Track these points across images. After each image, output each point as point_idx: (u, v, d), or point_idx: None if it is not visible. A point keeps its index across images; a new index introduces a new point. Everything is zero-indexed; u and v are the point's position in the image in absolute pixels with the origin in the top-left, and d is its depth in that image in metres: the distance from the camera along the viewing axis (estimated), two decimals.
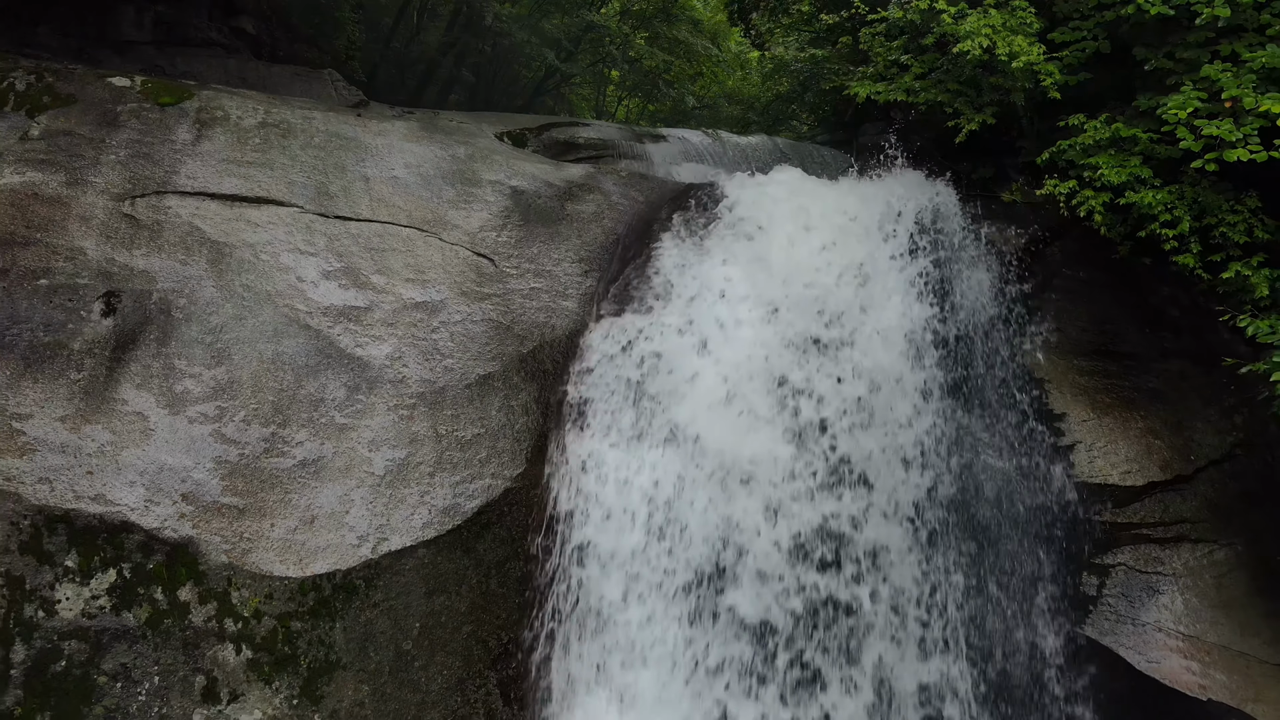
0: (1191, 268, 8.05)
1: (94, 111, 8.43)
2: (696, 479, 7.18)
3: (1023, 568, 8.12)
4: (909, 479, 7.74)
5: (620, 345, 7.83)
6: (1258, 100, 7.64)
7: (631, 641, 6.77)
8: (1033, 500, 8.32)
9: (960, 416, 8.25)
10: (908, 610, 7.48)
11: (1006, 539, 8.13)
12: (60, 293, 6.80)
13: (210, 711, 5.90)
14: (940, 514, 7.82)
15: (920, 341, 8.24)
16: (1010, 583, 8.03)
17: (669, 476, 7.20)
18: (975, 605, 7.81)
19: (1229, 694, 7.60)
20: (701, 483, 7.17)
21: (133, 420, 6.42)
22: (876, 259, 8.40)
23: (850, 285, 8.22)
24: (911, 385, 8.03)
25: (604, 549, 7.00)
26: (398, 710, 6.47)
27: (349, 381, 7.24)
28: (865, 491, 7.54)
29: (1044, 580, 8.08)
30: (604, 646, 6.78)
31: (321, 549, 6.49)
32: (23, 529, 5.71)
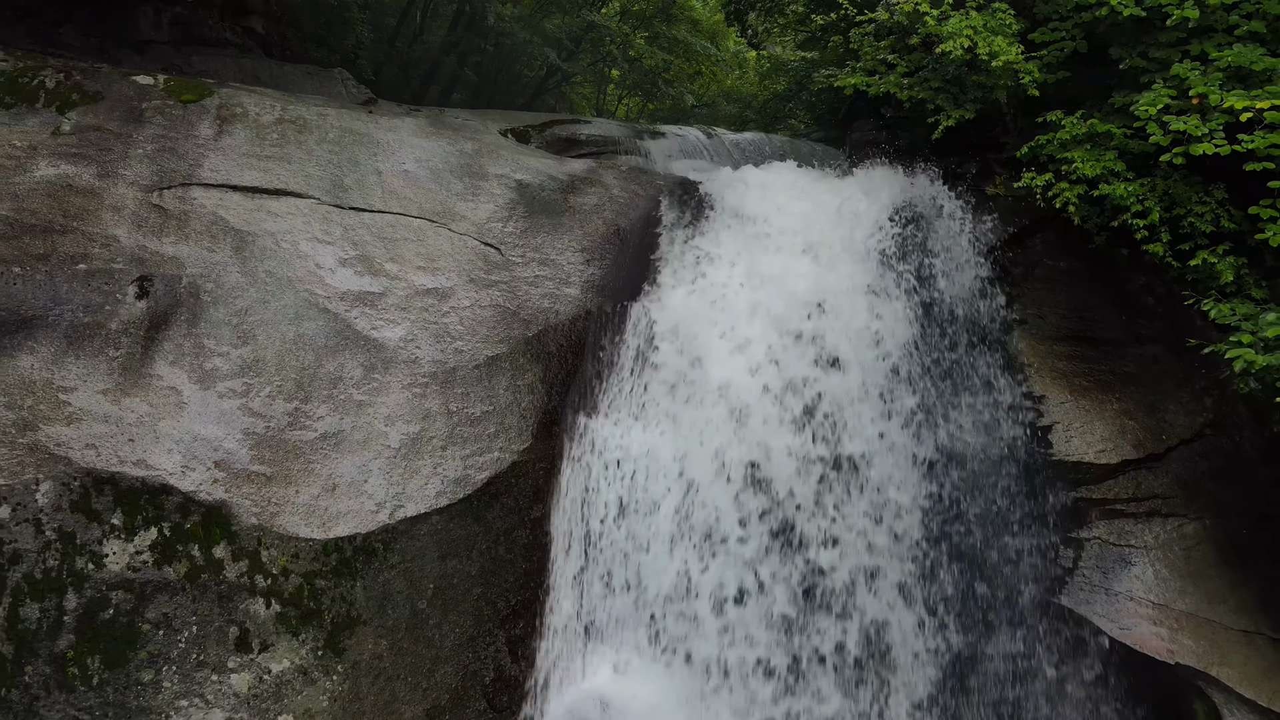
0: (1161, 256, 8.56)
1: (120, 108, 8.96)
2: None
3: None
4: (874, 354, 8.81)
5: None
6: (1223, 97, 8.15)
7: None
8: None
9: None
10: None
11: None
12: (97, 277, 7.37)
13: (243, 659, 6.47)
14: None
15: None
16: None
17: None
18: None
19: (1195, 658, 8.08)
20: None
21: (167, 394, 6.98)
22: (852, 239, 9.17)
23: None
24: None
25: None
26: (414, 664, 7.04)
27: (365, 361, 7.80)
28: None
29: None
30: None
31: (343, 514, 7.06)
32: (73, 489, 6.29)
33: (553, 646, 7.45)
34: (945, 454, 8.68)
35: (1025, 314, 9.70)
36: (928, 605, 8.31)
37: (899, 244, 9.45)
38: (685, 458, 7.97)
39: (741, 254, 9.29)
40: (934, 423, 8.73)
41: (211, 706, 6.31)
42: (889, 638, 8.06)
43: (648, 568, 7.69)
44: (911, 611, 8.26)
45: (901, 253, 9.39)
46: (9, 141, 8.22)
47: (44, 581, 6.07)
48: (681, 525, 7.79)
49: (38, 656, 5.96)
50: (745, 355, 8.56)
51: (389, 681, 6.94)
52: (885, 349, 8.91)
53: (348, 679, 6.78)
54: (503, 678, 7.37)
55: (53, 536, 6.17)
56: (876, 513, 8.39)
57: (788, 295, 8.94)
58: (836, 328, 8.81)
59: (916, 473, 8.56)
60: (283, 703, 6.52)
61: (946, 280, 9.30)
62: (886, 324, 8.97)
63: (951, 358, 9.07)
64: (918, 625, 8.27)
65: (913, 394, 8.81)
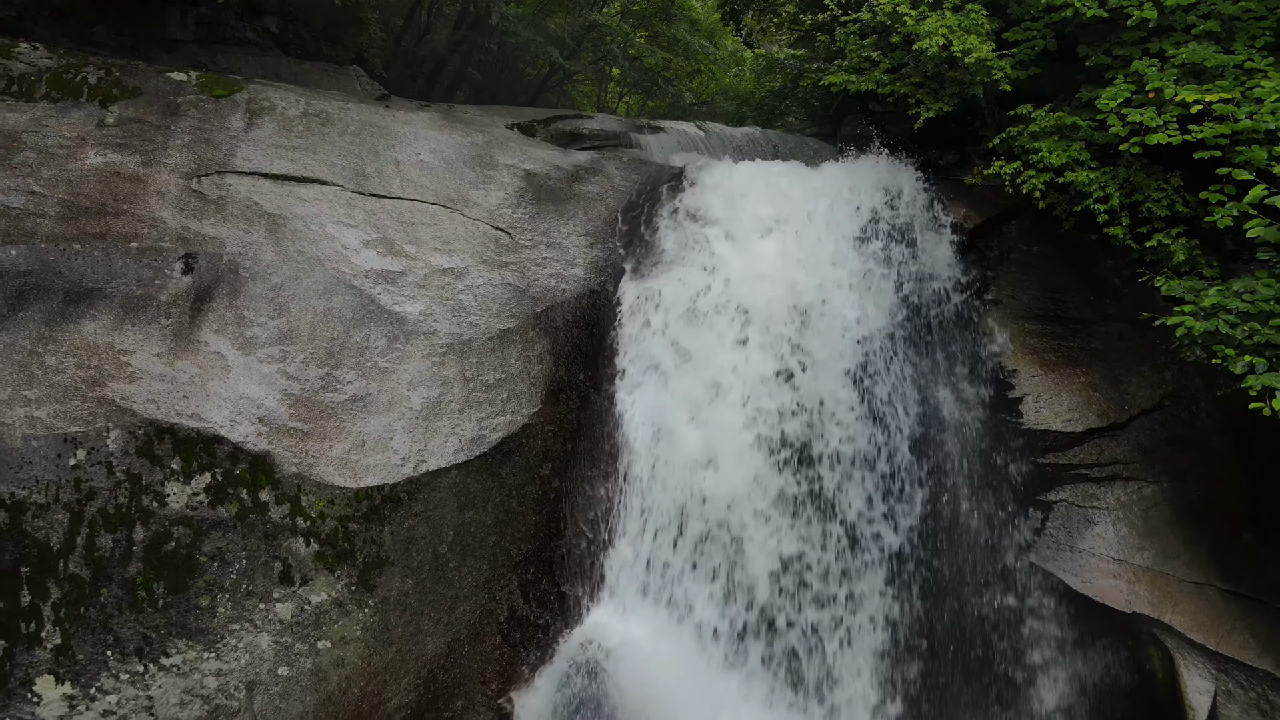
0: (1121, 238, 9.38)
1: (158, 102, 9.82)
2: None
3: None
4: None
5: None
6: (1176, 91, 9.02)
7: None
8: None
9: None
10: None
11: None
12: (147, 254, 8.24)
13: (286, 591, 7.34)
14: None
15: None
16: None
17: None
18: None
19: (1151, 607, 8.85)
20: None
21: (214, 358, 7.85)
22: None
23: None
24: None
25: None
26: (436, 601, 7.91)
27: (389, 333, 8.67)
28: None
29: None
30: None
31: (371, 467, 7.93)
32: (138, 437, 7.15)
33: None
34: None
35: (1000, 295, 10.52)
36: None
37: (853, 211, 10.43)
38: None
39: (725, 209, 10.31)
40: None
41: (259, 631, 7.20)
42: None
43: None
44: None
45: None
46: (59, 132, 9.08)
47: (116, 516, 6.96)
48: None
49: (111, 580, 6.84)
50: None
51: (414, 616, 7.82)
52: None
53: (378, 612, 7.66)
54: (515, 617, 8.25)
55: (122, 477, 7.06)
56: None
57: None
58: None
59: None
60: (321, 630, 7.40)
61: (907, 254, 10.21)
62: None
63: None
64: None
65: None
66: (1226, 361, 7.65)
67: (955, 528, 9.39)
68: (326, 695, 7.26)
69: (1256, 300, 7.70)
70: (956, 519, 9.40)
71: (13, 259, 7.61)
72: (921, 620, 9.20)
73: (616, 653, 7.91)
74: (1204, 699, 8.67)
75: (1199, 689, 8.70)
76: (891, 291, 9.92)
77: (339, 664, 7.35)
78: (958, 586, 9.26)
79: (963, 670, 9.32)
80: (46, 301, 7.56)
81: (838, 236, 10.02)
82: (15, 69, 9.68)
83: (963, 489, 9.49)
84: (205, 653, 6.94)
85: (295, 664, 7.19)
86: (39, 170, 8.53)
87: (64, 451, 6.94)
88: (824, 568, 8.98)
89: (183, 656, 6.86)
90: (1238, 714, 8.51)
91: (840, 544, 9.03)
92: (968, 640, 9.41)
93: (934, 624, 9.22)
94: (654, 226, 10.05)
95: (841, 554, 9.04)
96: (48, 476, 6.84)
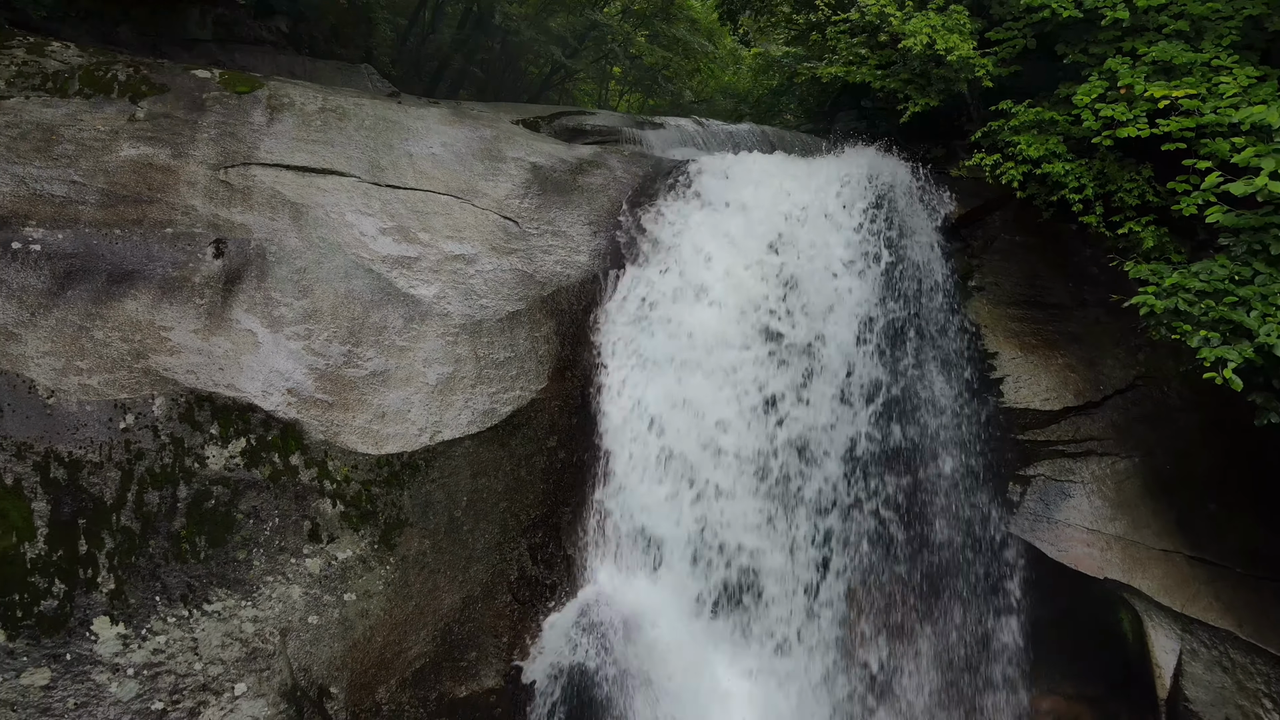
0: (1095, 225, 10.06)
1: (185, 98, 10.53)
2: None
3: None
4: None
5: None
6: (1146, 87, 9.75)
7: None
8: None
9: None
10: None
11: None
12: (181, 239, 8.97)
13: (315, 548, 8.04)
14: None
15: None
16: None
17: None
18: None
19: (1121, 573, 9.53)
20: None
21: (245, 335, 8.56)
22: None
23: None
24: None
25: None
26: (451, 561, 8.62)
27: (405, 314, 9.38)
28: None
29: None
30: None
31: (391, 436, 8.63)
32: (180, 404, 7.87)
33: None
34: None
35: (984, 281, 11.23)
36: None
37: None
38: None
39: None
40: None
41: (291, 583, 7.91)
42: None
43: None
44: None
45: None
46: (94, 126, 9.79)
47: (161, 474, 7.66)
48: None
49: (158, 533, 7.53)
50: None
51: (431, 574, 8.54)
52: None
53: (398, 569, 8.37)
54: (524, 577, 8.97)
55: (167, 440, 7.76)
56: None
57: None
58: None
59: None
60: (347, 584, 8.10)
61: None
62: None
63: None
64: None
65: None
66: (1185, 336, 8.36)
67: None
68: (352, 643, 7.99)
69: (1212, 280, 8.42)
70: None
71: (60, 242, 8.34)
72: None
73: (618, 608, 8.63)
74: (1170, 657, 9.37)
75: (1165, 648, 9.40)
76: (879, 278, 10.63)
77: (363, 615, 8.07)
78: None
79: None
80: (92, 281, 8.29)
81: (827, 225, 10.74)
82: (49, 66, 10.39)
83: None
84: (243, 601, 7.67)
85: (324, 614, 7.92)
86: (78, 161, 9.23)
87: (114, 416, 7.67)
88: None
89: (223, 604, 7.59)
90: (1201, 671, 9.21)
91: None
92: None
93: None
94: (654, 212, 10.79)
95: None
96: (101, 438, 7.58)
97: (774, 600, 9.51)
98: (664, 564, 9.25)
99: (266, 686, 7.47)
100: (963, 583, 10.13)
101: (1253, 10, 10.20)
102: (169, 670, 7.24)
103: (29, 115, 9.59)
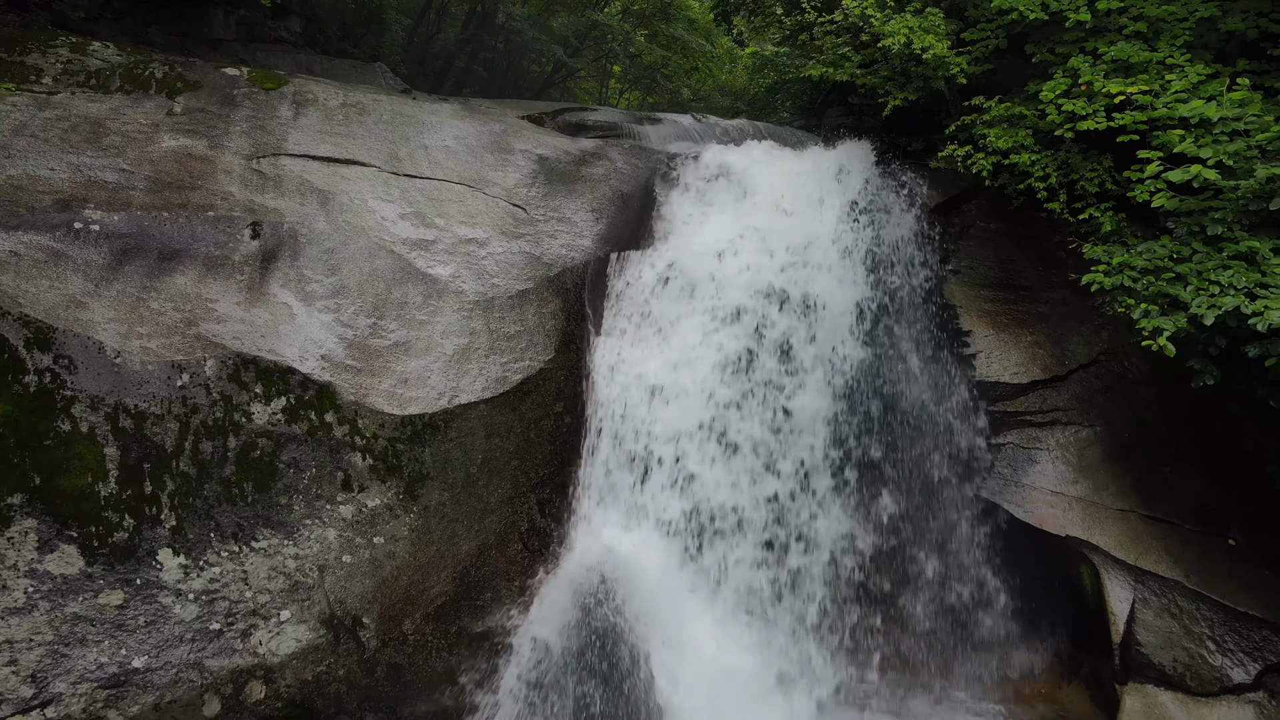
0: (1059, 212, 11.10)
1: (217, 94, 11.64)
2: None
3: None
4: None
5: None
6: (1104, 84, 10.86)
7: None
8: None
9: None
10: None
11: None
12: (221, 222, 10.09)
13: (347, 496, 9.14)
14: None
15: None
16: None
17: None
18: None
19: (1081, 530, 10.38)
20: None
21: (282, 308, 9.68)
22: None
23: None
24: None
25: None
26: (468, 512, 9.71)
27: (424, 291, 10.49)
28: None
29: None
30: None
31: (414, 399, 9.72)
32: (228, 365, 8.99)
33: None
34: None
35: (959, 265, 12.29)
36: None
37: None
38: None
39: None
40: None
41: (327, 526, 9.02)
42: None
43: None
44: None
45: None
46: (136, 120, 10.90)
47: (213, 427, 8.78)
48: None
49: (211, 478, 8.64)
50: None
51: (451, 523, 9.65)
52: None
53: (421, 517, 9.46)
54: (534, 528, 10.08)
55: (217, 397, 8.89)
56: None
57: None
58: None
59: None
60: (376, 528, 9.21)
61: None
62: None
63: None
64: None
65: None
66: (1128, 309, 9.48)
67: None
68: (381, 580, 9.10)
69: (1154, 259, 9.52)
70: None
71: (116, 223, 9.47)
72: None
73: (618, 556, 9.74)
74: (1124, 606, 10.38)
75: (1120, 598, 10.40)
76: (861, 263, 11.74)
77: (391, 556, 9.19)
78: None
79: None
80: (145, 258, 9.41)
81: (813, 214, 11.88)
82: (92, 64, 11.48)
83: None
84: (285, 540, 8.79)
85: (356, 554, 9.04)
86: (125, 151, 10.34)
87: (172, 374, 8.79)
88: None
89: (268, 542, 8.71)
90: (1151, 617, 10.23)
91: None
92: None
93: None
94: (652, 200, 11.94)
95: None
96: (161, 393, 8.69)
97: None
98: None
99: (307, 614, 8.59)
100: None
101: (1205, 12, 11.26)
102: (224, 597, 8.36)
103: (77, 109, 10.66)
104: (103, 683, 7.66)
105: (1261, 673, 9.79)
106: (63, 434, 8.23)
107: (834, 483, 10.83)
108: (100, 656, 7.74)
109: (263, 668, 8.23)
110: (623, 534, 9.91)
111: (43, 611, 7.71)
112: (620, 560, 9.48)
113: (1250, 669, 9.80)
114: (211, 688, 8.02)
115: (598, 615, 8.93)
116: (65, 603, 7.80)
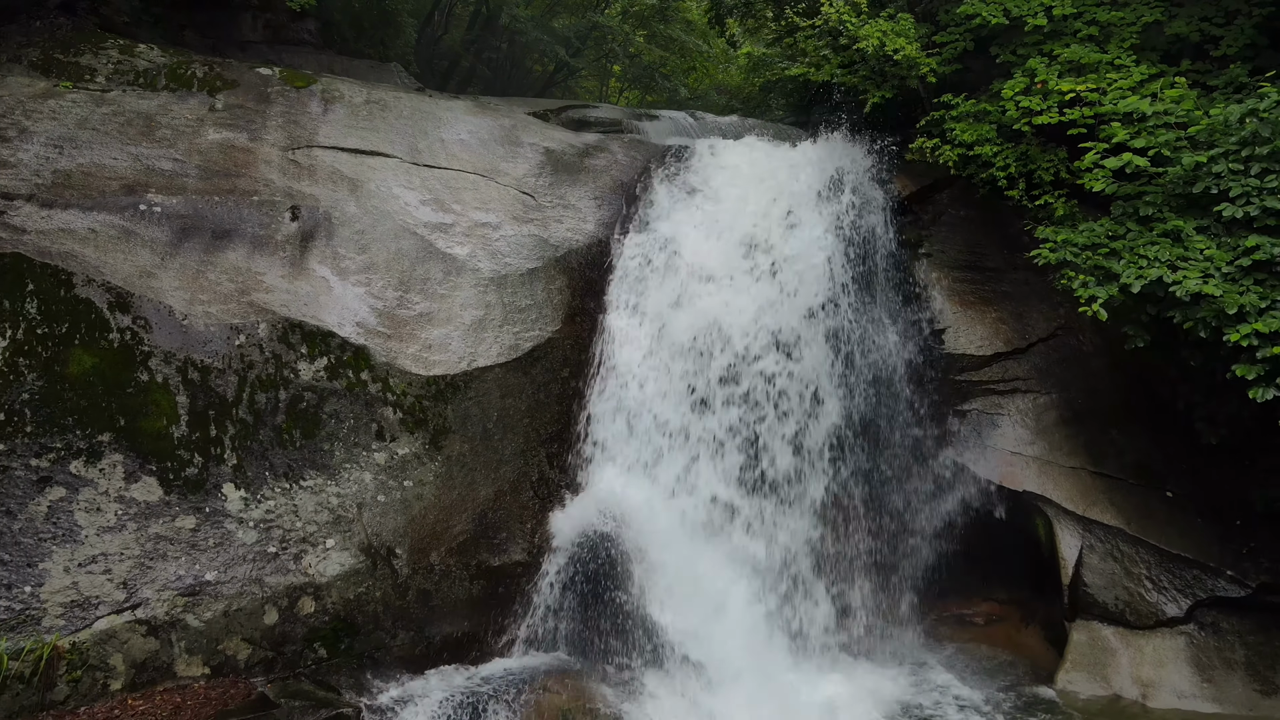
0: (1018, 199, 12.64)
1: (253, 92, 13.19)
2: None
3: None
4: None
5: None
6: (1057, 83, 12.38)
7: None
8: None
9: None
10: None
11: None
12: (264, 205, 11.64)
13: (381, 445, 10.63)
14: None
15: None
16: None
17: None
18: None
19: (1037, 486, 11.76)
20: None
21: (320, 281, 11.21)
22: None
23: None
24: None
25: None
26: (486, 462, 11.19)
27: (444, 269, 12.00)
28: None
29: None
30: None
31: (437, 362, 11.19)
32: (278, 328, 10.52)
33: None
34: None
35: (931, 249, 13.81)
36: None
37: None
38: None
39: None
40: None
41: (363, 470, 10.52)
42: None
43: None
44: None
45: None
46: (183, 115, 12.44)
47: (266, 381, 10.31)
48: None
49: (265, 425, 10.15)
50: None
51: (470, 471, 11.13)
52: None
53: (445, 465, 10.93)
54: (544, 478, 11.60)
55: (270, 355, 10.41)
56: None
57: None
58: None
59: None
60: (406, 473, 10.71)
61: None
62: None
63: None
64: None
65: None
66: (1070, 281, 11.01)
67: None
68: (411, 518, 10.61)
69: (1092, 236, 11.04)
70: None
71: (175, 206, 11.03)
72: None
73: (619, 501, 11.30)
74: (1073, 552, 11.79)
75: (1070, 545, 11.80)
76: (842, 247, 13.28)
77: (419, 498, 10.70)
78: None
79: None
80: (201, 237, 10.96)
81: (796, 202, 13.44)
82: (140, 64, 13.02)
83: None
84: (328, 481, 10.33)
85: (389, 494, 10.57)
86: (175, 143, 11.88)
87: (230, 335, 10.34)
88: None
89: (314, 482, 10.24)
90: (1097, 561, 11.69)
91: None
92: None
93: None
94: (650, 189, 13.51)
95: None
96: (222, 351, 10.24)
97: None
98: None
99: (349, 543, 10.13)
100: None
101: (1150, 17, 12.80)
102: (278, 526, 9.89)
103: (129, 105, 12.20)
104: (181, 590, 9.21)
105: (1192, 607, 11.23)
106: (142, 383, 9.80)
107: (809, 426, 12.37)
108: (179, 570, 9.29)
109: (313, 586, 9.77)
110: (623, 478, 11.45)
111: (130, 531, 9.26)
112: (618, 498, 11.06)
113: (1182, 604, 11.25)
114: (270, 600, 9.57)
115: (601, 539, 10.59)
116: (148, 524, 9.34)
